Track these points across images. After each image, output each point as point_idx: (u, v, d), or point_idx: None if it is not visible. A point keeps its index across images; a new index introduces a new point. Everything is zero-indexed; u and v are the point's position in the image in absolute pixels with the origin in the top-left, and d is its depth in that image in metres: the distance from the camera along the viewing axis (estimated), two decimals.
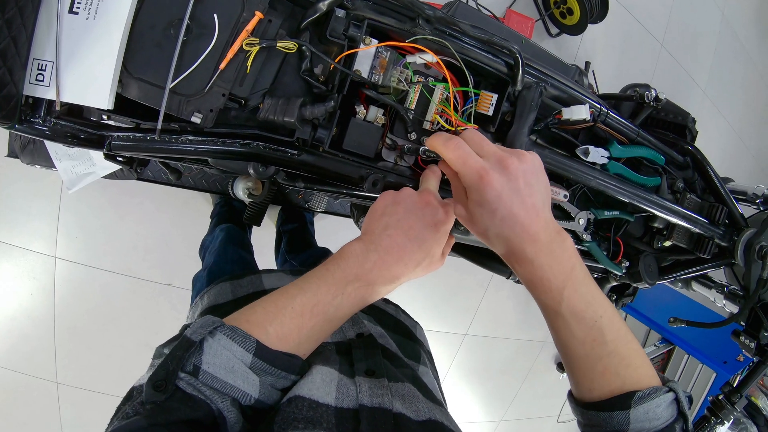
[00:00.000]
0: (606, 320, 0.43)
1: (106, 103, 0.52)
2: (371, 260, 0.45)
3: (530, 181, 0.45)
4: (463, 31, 0.55)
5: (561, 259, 0.43)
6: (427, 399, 0.46)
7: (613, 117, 0.70)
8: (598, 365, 0.43)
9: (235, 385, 0.37)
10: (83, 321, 1.46)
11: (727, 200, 0.77)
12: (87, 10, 0.51)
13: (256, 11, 0.53)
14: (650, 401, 0.40)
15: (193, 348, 0.36)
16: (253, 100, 0.56)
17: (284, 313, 0.42)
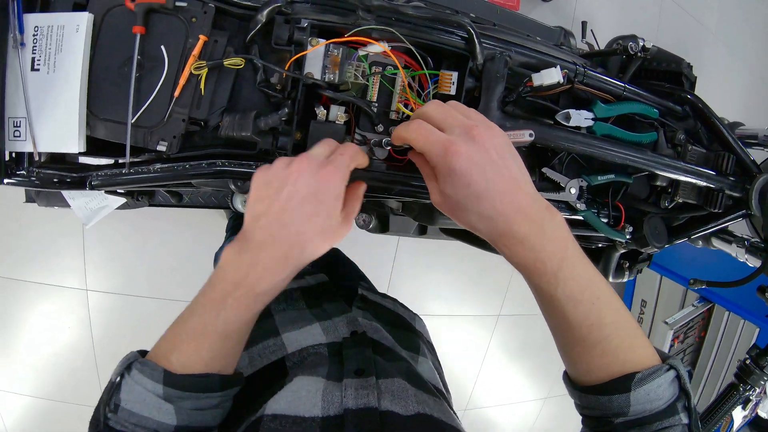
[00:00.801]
0: (604, 302, 0.39)
1: (76, 147, 0.53)
2: (246, 263, 0.39)
3: (503, 153, 0.40)
4: (404, 13, 0.51)
5: (554, 237, 0.39)
6: (419, 391, 0.44)
7: (593, 75, 0.64)
8: (596, 348, 0.40)
9: (150, 417, 0.37)
10: (122, 346, 1.52)
11: (735, 147, 0.68)
12: (46, 65, 0.52)
13: (200, 35, 0.52)
14: (651, 382, 0.38)
15: (114, 387, 0.38)
16: (212, 119, 0.56)
17: (181, 340, 0.40)
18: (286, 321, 0.57)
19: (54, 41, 0.51)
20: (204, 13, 0.52)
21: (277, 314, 0.59)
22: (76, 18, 0.51)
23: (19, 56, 0.51)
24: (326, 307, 0.60)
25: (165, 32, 0.53)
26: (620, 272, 0.81)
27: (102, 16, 0.52)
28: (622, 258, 0.81)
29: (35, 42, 0.52)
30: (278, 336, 0.54)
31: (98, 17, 0.52)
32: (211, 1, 0.53)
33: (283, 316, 0.58)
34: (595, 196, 0.72)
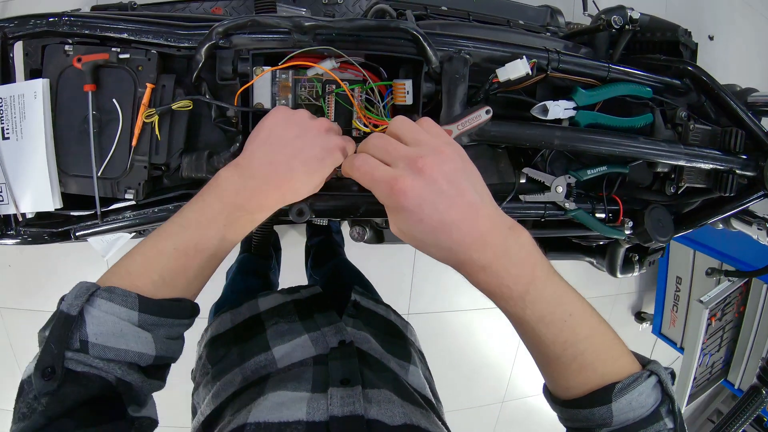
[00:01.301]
0: (577, 317, 0.37)
1: (52, 205, 0.54)
2: (249, 189, 0.40)
3: (455, 178, 0.37)
4: (340, 28, 0.48)
5: (518, 259, 0.36)
6: (406, 402, 0.43)
7: (569, 60, 0.57)
8: (573, 364, 0.37)
9: (129, 349, 0.34)
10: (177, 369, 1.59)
11: (744, 120, 0.59)
12: (14, 133, 0.53)
13: (147, 83, 0.52)
14: (632, 390, 0.36)
15: (74, 322, 0.33)
16: (173, 162, 0.55)
17: (167, 256, 0.38)
18: (277, 335, 0.56)
19: (18, 109, 0.52)
20: (148, 60, 0.51)
21: (269, 328, 0.58)
22: (33, 85, 0.51)
23: None
24: (317, 318, 0.59)
25: (115, 85, 0.52)
26: (629, 266, 0.74)
27: (56, 79, 0.52)
28: (630, 251, 0.73)
29: (1, 113, 0.53)
30: (269, 351, 0.53)
31: (53, 81, 0.52)
32: (153, 48, 0.51)
33: (274, 330, 0.58)
34: (589, 190, 0.65)
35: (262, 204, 0.41)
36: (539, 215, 0.60)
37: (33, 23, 0.54)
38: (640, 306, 2.21)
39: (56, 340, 0.32)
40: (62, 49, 0.53)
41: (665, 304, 1.92)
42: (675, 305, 1.85)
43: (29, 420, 0.30)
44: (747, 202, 0.60)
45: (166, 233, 0.39)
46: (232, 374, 0.53)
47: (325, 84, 0.53)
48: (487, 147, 0.64)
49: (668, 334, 1.92)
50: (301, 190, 0.43)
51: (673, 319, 1.87)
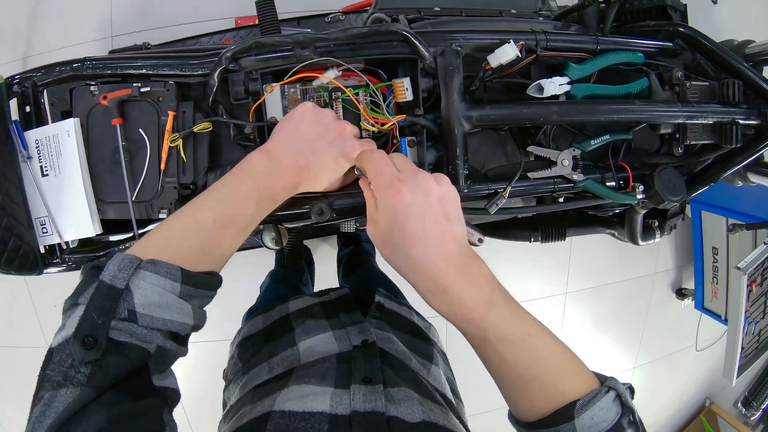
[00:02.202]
0: (536, 338, 0.41)
1: (93, 231, 0.63)
2: (276, 175, 0.48)
3: (446, 205, 0.43)
4: (336, 39, 0.55)
5: (479, 283, 0.41)
6: (426, 400, 0.47)
7: (557, 38, 0.63)
8: (534, 384, 0.41)
9: (174, 320, 0.38)
10: (207, 389, 1.68)
11: (742, 70, 0.64)
12: (53, 169, 0.62)
13: (169, 111, 0.60)
14: (593, 406, 0.39)
15: (121, 293, 0.35)
16: (200, 180, 0.63)
17: (207, 227, 0.42)
18: (303, 332, 0.63)
19: (53, 148, 0.61)
20: (167, 91, 0.60)
21: (297, 327, 0.65)
22: (65, 125, 0.60)
23: (29, 168, 0.62)
24: (342, 318, 0.65)
25: (139, 116, 0.61)
26: (650, 233, 0.79)
27: (86, 117, 0.61)
28: (648, 217, 0.78)
29: (39, 153, 0.62)
30: (295, 346, 0.60)
31: (83, 119, 0.61)
32: (170, 79, 0.60)
33: (301, 328, 0.64)
34: (597, 161, 0.70)
35: (284, 187, 0.49)
36: (549, 190, 0.66)
37: (59, 70, 0.63)
38: (679, 282, 2.22)
39: (99, 309, 0.34)
40: (88, 90, 0.62)
41: (704, 277, 1.93)
42: (714, 277, 1.86)
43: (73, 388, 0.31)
44: (757, 151, 0.65)
45: (206, 206, 0.44)
46: (260, 368, 0.59)
47: (331, 92, 0.61)
48: (491, 132, 0.70)
49: (711, 308, 1.93)
50: (317, 182, 0.52)
51: (714, 291, 1.88)
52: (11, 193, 0.61)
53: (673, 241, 2.17)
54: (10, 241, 0.61)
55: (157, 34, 1.48)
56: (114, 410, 0.32)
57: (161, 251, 0.40)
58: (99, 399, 0.32)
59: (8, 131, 0.62)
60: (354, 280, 1.27)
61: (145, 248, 0.40)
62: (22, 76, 0.64)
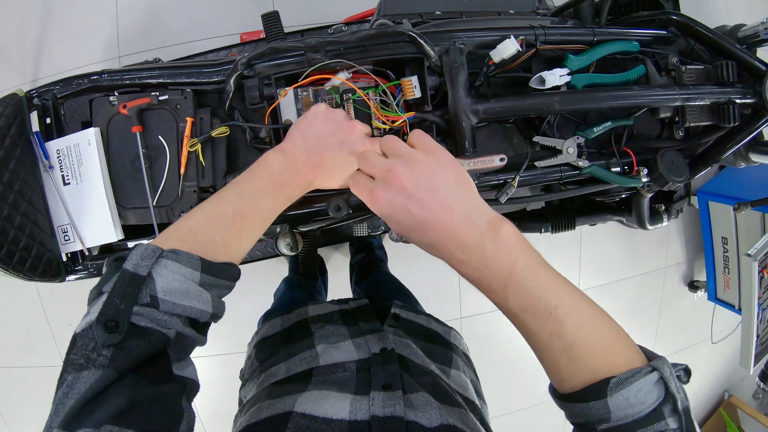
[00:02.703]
0: (563, 309, 0.40)
1: (115, 236, 0.66)
2: (291, 172, 0.51)
3: (426, 184, 0.43)
4: (346, 41, 0.59)
5: (497, 255, 0.40)
6: (444, 405, 0.48)
7: (554, 31, 0.67)
8: (563, 357, 0.40)
9: (194, 306, 0.39)
10: (223, 404, 1.68)
11: (734, 51, 0.67)
12: (74, 178, 0.65)
13: (187, 117, 0.63)
14: (629, 386, 0.37)
15: (144, 280, 0.37)
16: (219, 183, 0.66)
17: (227, 219, 0.45)
18: (322, 337, 0.65)
19: (75, 157, 0.64)
20: (185, 98, 0.63)
21: (316, 332, 0.67)
22: (86, 134, 0.64)
23: (51, 177, 0.65)
24: (361, 326, 0.67)
25: (159, 123, 0.64)
26: (657, 217, 0.81)
27: (106, 126, 0.65)
28: (654, 202, 0.81)
29: (60, 162, 0.65)
30: (313, 348, 0.62)
31: (103, 128, 0.65)
32: (187, 87, 0.63)
33: (320, 333, 0.66)
34: (601, 148, 0.73)
35: (299, 183, 0.52)
36: (556, 178, 0.69)
37: (77, 83, 0.67)
38: (691, 275, 2.23)
39: (121, 295, 0.35)
40: (107, 100, 0.65)
41: (716, 267, 1.94)
42: (726, 267, 1.88)
43: (95, 370, 0.33)
44: (755, 129, 0.68)
45: (225, 200, 0.47)
46: (277, 368, 0.60)
47: (343, 93, 0.64)
48: (497, 125, 0.73)
49: (725, 298, 1.94)
50: (332, 178, 0.54)
51: (726, 281, 1.89)
52: (34, 201, 0.64)
53: (683, 233, 2.19)
54: (33, 248, 0.64)
55: (163, 52, 1.53)
56: (134, 393, 0.33)
57: (183, 242, 0.42)
58: (120, 381, 0.33)
59: (30, 142, 0.65)
60: (367, 285, 1.29)
61: (168, 239, 0.42)
62: (40, 89, 0.68)
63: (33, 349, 1.74)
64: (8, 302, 1.73)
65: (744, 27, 0.76)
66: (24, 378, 1.77)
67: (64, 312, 1.71)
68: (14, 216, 0.62)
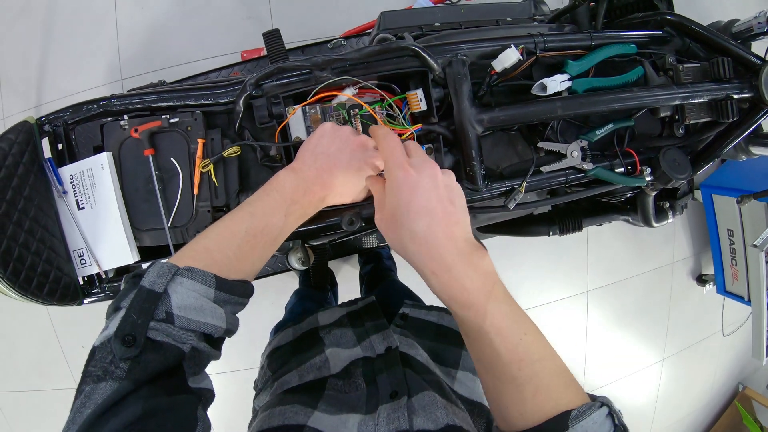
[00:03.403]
0: (531, 337, 0.41)
1: (131, 258, 0.67)
2: (301, 188, 0.52)
3: (452, 193, 0.46)
4: (351, 59, 0.60)
5: (483, 271, 0.42)
6: (450, 404, 0.49)
7: (553, 39, 0.69)
8: (528, 387, 0.40)
9: (207, 322, 0.41)
10: (237, 420, 1.68)
11: (728, 47, 0.69)
12: (88, 203, 0.66)
13: (198, 139, 0.65)
14: (587, 418, 0.38)
15: (160, 297, 0.38)
16: (232, 202, 0.67)
17: (240, 237, 0.47)
18: (331, 342, 0.66)
19: (88, 182, 0.66)
20: (195, 120, 0.65)
21: (325, 337, 0.69)
22: (98, 159, 0.65)
23: (66, 202, 0.66)
24: (367, 325, 0.69)
25: (170, 146, 0.66)
26: (662, 215, 0.82)
27: (118, 150, 0.66)
28: (659, 200, 0.82)
29: (74, 187, 0.67)
30: (323, 353, 0.63)
31: (115, 152, 0.66)
32: (197, 109, 0.65)
33: (329, 338, 0.68)
34: (603, 150, 0.75)
35: (311, 201, 0.53)
36: (562, 181, 0.70)
37: (86, 108, 0.69)
38: (699, 269, 2.24)
39: (138, 311, 0.37)
40: (118, 124, 0.67)
41: (723, 260, 1.95)
42: (733, 259, 1.89)
43: (112, 382, 0.34)
44: (754, 122, 0.70)
45: (238, 219, 0.48)
46: (290, 375, 0.62)
47: (350, 109, 0.66)
48: (502, 133, 0.75)
49: (734, 290, 1.94)
50: (343, 194, 0.56)
51: (734, 273, 1.90)
52: (49, 227, 0.66)
53: (688, 228, 2.20)
54: (50, 273, 0.65)
55: (165, 73, 1.56)
56: (149, 403, 0.34)
57: (197, 260, 0.44)
58: (136, 392, 0.35)
59: (43, 169, 0.67)
60: (376, 294, 1.30)
61: (183, 257, 0.44)
62: (51, 116, 0.69)
63: (45, 373, 1.75)
64: (20, 326, 1.74)
65: (738, 22, 0.77)
66: (37, 401, 1.78)
67: (75, 335, 1.73)
68: (30, 242, 0.63)
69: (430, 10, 0.88)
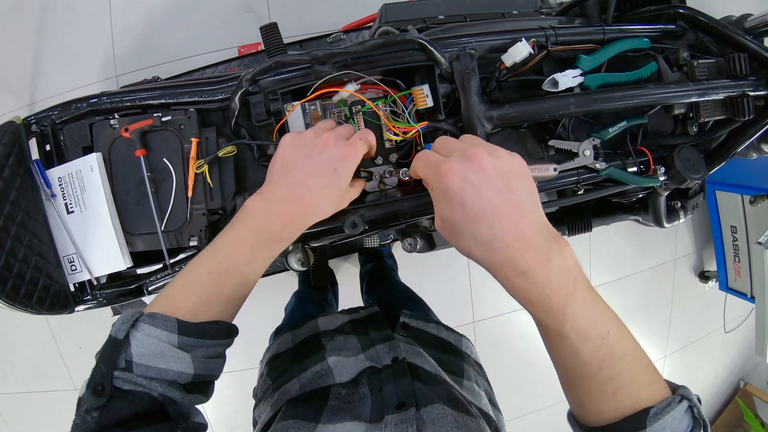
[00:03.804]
0: (614, 336, 0.39)
1: (123, 264, 0.64)
2: (273, 212, 0.47)
3: (506, 174, 0.39)
4: (354, 52, 0.57)
5: (561, 270, 0.37)
6: (460, 414, 0.47)
7: (565, 32, 0.65)
8: (609, 386, 0.38)
9: (168, 368, 0.40)
10: (237, 420, 1.66)
11: (744, 43, 0.65)
12: (78, 206, 0.63)
13: (192, 138, 0.61)
14: (666, 415, 0.36)
15: (121, 344, 0.39)
16: (228, 204, 0.64)
17: (203, 279, 0.44)
18: (334, 349, 0.63)
19: (77, 184, 0.62)
20: (188, 118, 0.61)
21: (327, 344, 0.65)
22: (88, 160, 0.62)
23: (54, 206, 0.63)
24: (372, 335, 0.65)
25: (163, 145, 0.62)
26: (674, 215, 0.79)
27: (108, 150, 0.62)
28: (671, 199, 0.79)
29: (63, 190, 0.63)
30: (324, 361, 0.60)
31: (105, 153, 0.62)
32: (191, 106, 0.61)
33: (331, 345, 0.65)
34: (616, 148, 0.71)
35: (285, 224, 0.47)
36: (574, 181, 0.67)
37: (75, 107, 0.65)
38: (701, 266, 2.22)
39: (105, 360, 0.38)
40: (108, 124, 0.63)
41: (726, 257, 1.93)
42: (736, 255, 1.86)
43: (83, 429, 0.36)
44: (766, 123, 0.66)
45: (201, 260, 0.46)
46: (290, 384, 0.59)
47: (352, 105, 0.62)
48: (511, 130, 0.71)
49: (736, 287, 1.92)
50: (322, 205, 0.49)
51: (737, 270, 1.87)
52: (38, 232, 0.62)
53: (691, 224, 2.17)
54: (39, 280, 0.62)
55: (160, 69, 1.51)
56: None
57: (161, 306, 0.43)
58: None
59: (30, 171, 0.63)
60: (378, 295, 1.27)
61: (152, 305, 0.44)
62: (38, 115, 0.65)
63: (45, 375, 1.73)
64: (17, 329, 1.72)
65: (751, 17, 0.74)
66: (37, 403, 1.76)
67: (73, 336, 1.70)
68: (18, 249, 0.60)
69: (434, 2, 0.84)
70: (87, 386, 0.38)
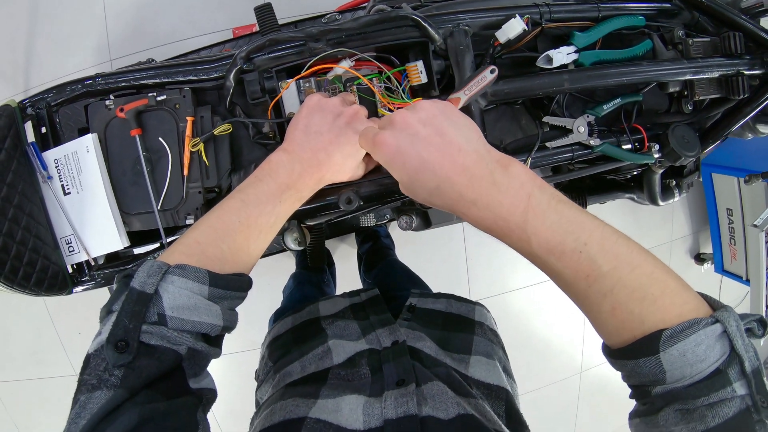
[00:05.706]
0: (594, 246, 0.35)
1: (120, 244, 0.64)
2: (297, 171, 0.49)
3: (432, 122, 0.41)
4: (348, 29, 0.57)
5: (509, 189, 0.37)
6: (459, 395, 0.46)
7: (559, 9, 0.65)
8: (604, 304, 0.35)
9: (203, 321, 0.39)
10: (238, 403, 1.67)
11: (740, 22, 0.65)
12: (74, 187, 0.63)
13: (187, 117, 0.61)
14: (685, 339, 0.31)
15: (151, 298, 0.36)
16: (224, 182, 0.64)
17: (233, 228, 0.44)
18: (334, 334, 0.64)
19: (73, 166, 0.63)
20: (183, 97, 0.61)
21: (327, 328, 0.66)
22: (83, 141, 0.62)
23: (51, 188, 0.63)
24: (372, 319, 0.66)
25: (158, 125, 0.62)
26: (668, 193, 0.80)
27: (103, 131, 0.63)
28: (665, 177, 0.79)
29: (59, 172, 0.63)
30: (325, 343, 0.61)
31: (101, 134, 0.63)
32: (185, 85, 0.61)
33: (332, 329, 0.65)
34: (611, 125, 0.72)
35: (307, 184, 0.50)
36: (568, 157, 0.68)
37: (70, 89, 0.65)
38: (697, 248, 2.23)
39: (130, 314, 0.35)
40: (103, 104, 0.63)
41: (722, 239, 1.94)
42: (732, 238, 1.87)
43: (107, 390, 0.33)
44: (764, 100, 0.67)
45: (230, 209, 0.45)
46: (291, 366, 0.59)
47: (346, 82, 0.62)
48: (506, 107, 0.72)
49: (732, 269, 1.94)
50: (342, 170, 0.52)
51: (733, 252, 1.89)
52: (35, 214, 0.62)
53: (687, 206, 2.18)
54: (37, 262, 0.62)
55: (155, 52, 1.50)
56: (146, 409, 0.33)
57: (189, 255, 0.41)
58: (132, 399, 0.33)
59: (26, 154, 0.63)
60: (376, 275, 1.28)
61: (174, 254, 0.42)
62: (33, 98, 0.65)
63: (43, 361, 1.74)
64: (15, 315, 1.72)
65: None
66: (36, 390, 1.77)
67: (72, 321, 1.71)
68: (15, 231, 0.60)
69: None
70: (107, 341, 0.34)
